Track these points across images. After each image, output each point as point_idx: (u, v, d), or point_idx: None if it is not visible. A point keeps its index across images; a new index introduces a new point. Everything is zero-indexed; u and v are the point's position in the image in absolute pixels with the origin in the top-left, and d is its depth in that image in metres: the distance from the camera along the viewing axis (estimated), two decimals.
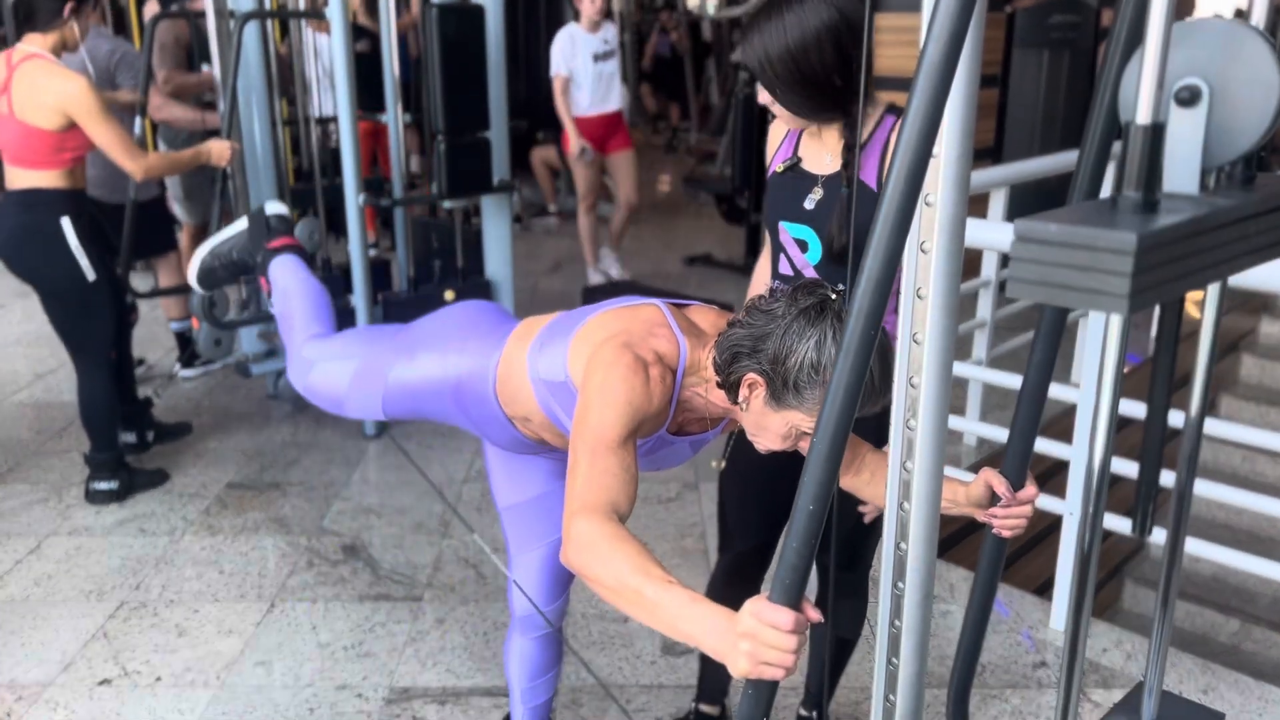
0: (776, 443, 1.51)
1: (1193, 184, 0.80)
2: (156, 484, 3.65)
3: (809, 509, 0.91)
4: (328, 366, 2.04)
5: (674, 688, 2.58)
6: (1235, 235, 0.80)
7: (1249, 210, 0.80)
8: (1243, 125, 0.80)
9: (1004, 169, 4.10)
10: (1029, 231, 0.73)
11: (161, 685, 2.58)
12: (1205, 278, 0.79)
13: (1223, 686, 2.57)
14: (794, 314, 1.42)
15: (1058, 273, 0.72)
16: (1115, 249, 0.69)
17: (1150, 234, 0.70)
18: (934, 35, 0.82)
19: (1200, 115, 0.79)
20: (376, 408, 1.97)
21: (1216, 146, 0.80)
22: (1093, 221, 0.72)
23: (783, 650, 0.98)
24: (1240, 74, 0.79)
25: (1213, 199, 0.79)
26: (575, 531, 1.29)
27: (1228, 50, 0.80)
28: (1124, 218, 0.73)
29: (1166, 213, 0.75)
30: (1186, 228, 0.74)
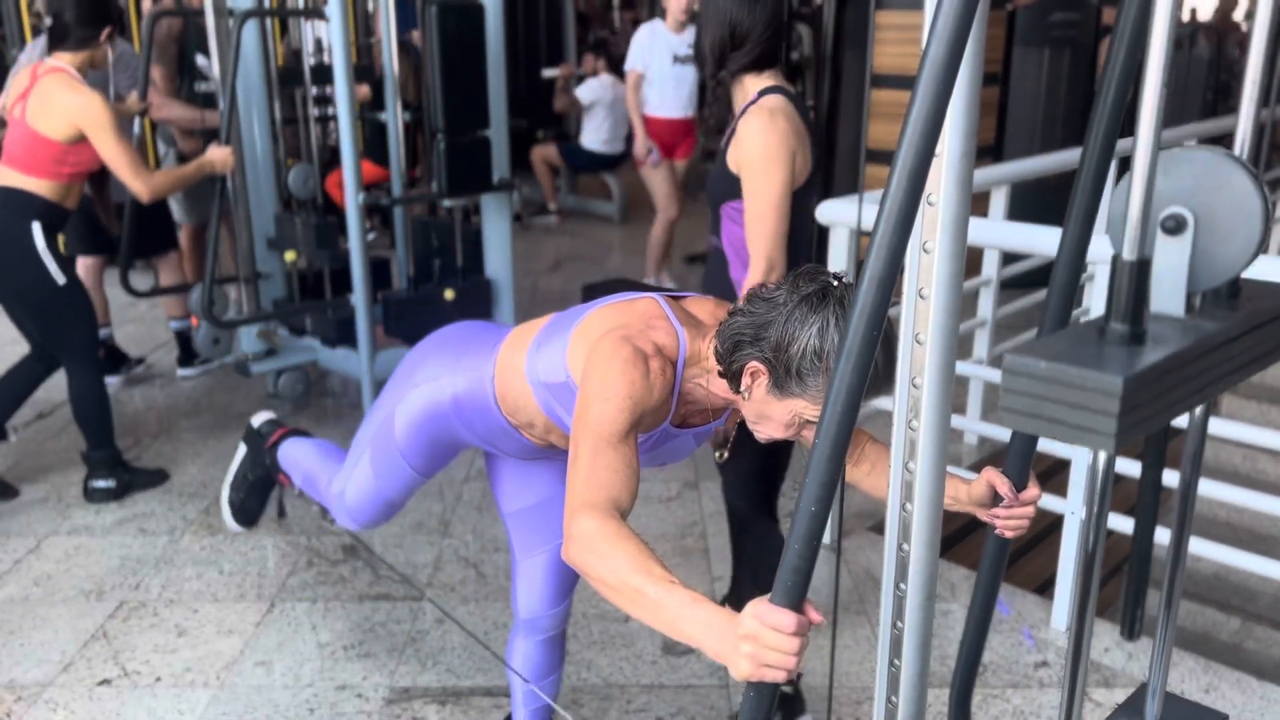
0: (779, 431, 1.50)
1: (1179, 307, 0.82)
2: (156, 483, 3.64)
3: (811, 510, 0.91)
4: (352, 480, 2.07)
5: (674, 687, 2.57)
6: (1220, 358, 0.82)
7: (1234, 332, 0.82)
8: (1227, 253, 0.82)
9: (1004, 167, 4.10)
10: (1019, 366, 0.75)
11: (161, 685, 2.57)
12: (1190, 403, 0.80)
13: (1224, 686, 2.57)
14: (795, 301, 1.41)
15: (1047, 407, 0.74)
16: (1102, 390, 0.71)
17: (1135, 375, 0.72)
18: (937, 34, 0.81)
19: (1186, 243, 0.81)
20: (407, 470, 1.98)
21: (1202, 272, 0.83)
22: (1080, 359, 0.74)
23: (785, 652, 0.98)
24: (1224, 204, 0.82)
25: (1198, 322, 0.81)
26: (576, 529, 1.28)
27: (1212, 180, 0.82)
28: (1111, 354, 0.75)
29: (1153, 344, 0.77)
30: (1172, 362, 0.76)
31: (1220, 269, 0.83)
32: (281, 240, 4.26)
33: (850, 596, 2.96)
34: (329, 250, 4.11)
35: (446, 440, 1.94)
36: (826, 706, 2.50)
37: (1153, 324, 0.79)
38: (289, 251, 4.19)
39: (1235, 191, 0.81)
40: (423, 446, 1.94)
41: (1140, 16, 1.00)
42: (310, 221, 4.09)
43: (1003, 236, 3.17)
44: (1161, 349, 0.76)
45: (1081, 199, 1.09)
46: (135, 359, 4.76)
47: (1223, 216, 0.82)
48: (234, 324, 4.22)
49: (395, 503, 2.07)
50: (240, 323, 4.25)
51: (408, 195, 4.38)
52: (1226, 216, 0.82)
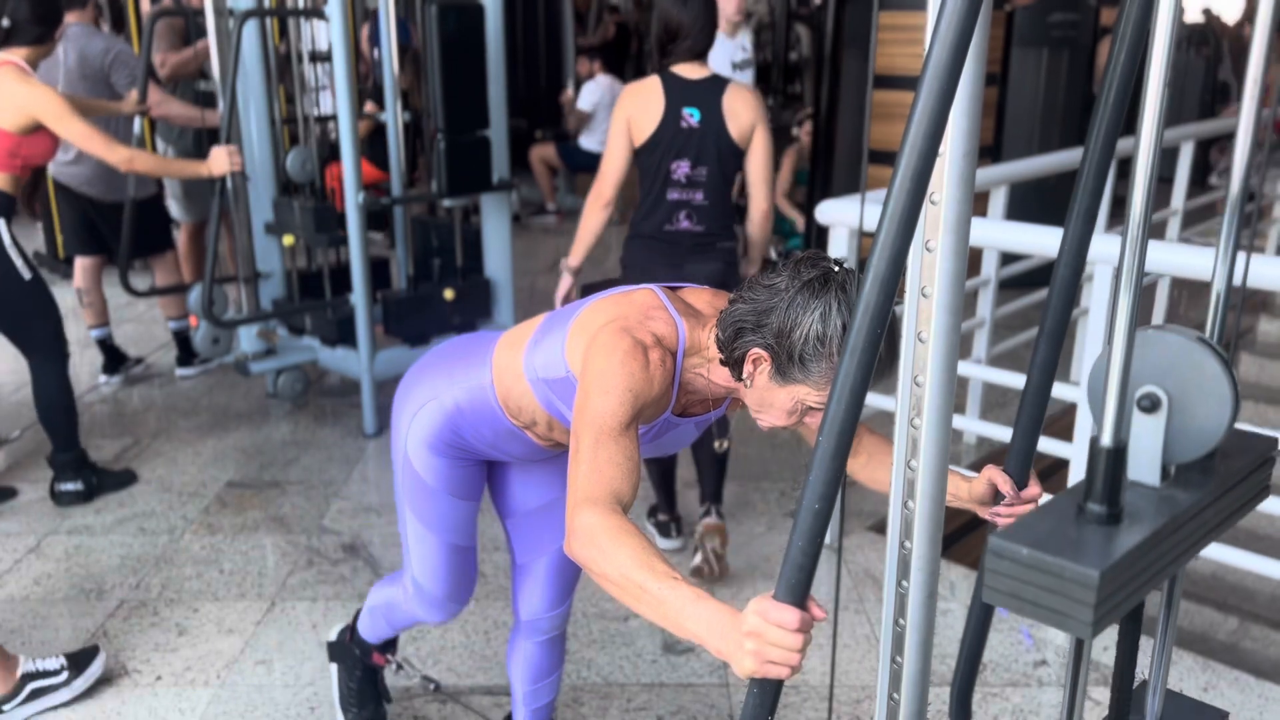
0: (782, 419, 1.50)
1: (1154, 477, 0.87)
2: (125, 485, 3.61)
3: (815, 507, 0.91)
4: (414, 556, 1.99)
5: (675, 686, 2.58)
6: (1194, 527, 0.87)
7: (1207, 499, 0.87)
8: (1199, 432, 0.88)
9: (1004, 167, 4.10)
10: (1002, 550, 0.79)
11: (162, 684, 2.58)
12: (1164, 575, 0.85)
13: (1223, 684, 2.58)
14: (797, 287, 1.41)
15: (1028, 590, 0.79)
16: (1079, 581, 0.76)
17: (1111, 567, 0.76)
18: (940, 34, 0.82)
19: (1160, 421, 0.87)
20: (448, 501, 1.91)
21: (1176, 446, 0.88)
22: (1059, 546, 0.78)
23: (788, 649, 0.98)
24: (1196, 386, 0.87)
25: (1173, 492, 0.87)
26: (579, 524, 1.28)
27: (1185, 364, 0.87)
28: (1088, 539, 0.80)
29: (1129, 523, 0.82)
30: (1147, 544, 0.80)
31: (1193, 445, 0.88)
32: (280, 225, 4.25)
33: (850, 596, 2.96)
34: (327, 234, 4.08)
35: (466, 454, 1.89)
36: (828, 705, 2.50)
37: (1130, 493, 0.85)
38: (287, 236, 4.18)
39: (1206, 376, 0.87)
40: (448, 468, 1.89)
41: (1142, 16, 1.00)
42: (308, 206, 4.08)
43: (1002, 236, 3.17)
44: (1137, 530, 0.81)
45: (1082, 198, 1.10)
46: (134, 359, 4.76)
47: (1195, 397, 0.87)
48: (233, 323, 4.22)
49: (461, 547, 1.98)
50: (240, 322, 4.25)
51: (407, 195, 4.38)
52: (1198, 398, 0.87)
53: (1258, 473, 0.95)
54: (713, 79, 2.94)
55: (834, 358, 1.38)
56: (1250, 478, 0.94)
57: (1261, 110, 0.96)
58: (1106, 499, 0.81)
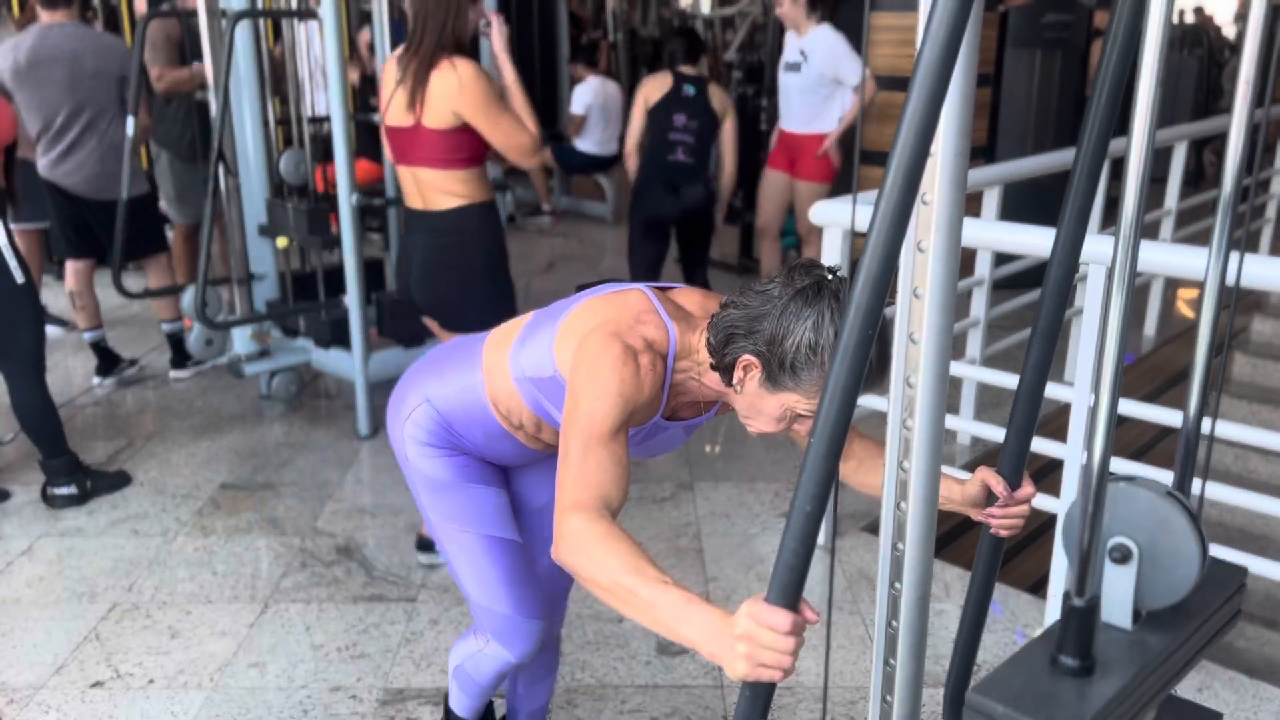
0: (771, 425, 1.50)
1: (1126, 622, 0.92)
2: (118, 486, 3.60)
3: (806, 509, 0.91)
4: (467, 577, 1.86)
5: (669, 688, 2.57)
6: (1167, 668, 0.92)
7: (1179, 640, 0.92)
8: (1169, 583, 0.92)
9: (997, 168, 4.10)
10: (979, 706, 0.83)
11: (154, 687, 2.57)
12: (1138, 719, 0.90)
13: (1217, 684, 2.58)
14: (790, 294, 1.40)
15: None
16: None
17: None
18: (931, 34, 0.81)
19: (1131, 571, 0.91)
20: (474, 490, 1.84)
21: (1147, 594, 0.92)
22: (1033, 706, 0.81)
23: (780, 652, 0.98)
24: (1166, 541, 0.91)
25: (1144, 636, 0.91)
26: (567, 529, 1.27)
27: (1155, 519, 0.91)
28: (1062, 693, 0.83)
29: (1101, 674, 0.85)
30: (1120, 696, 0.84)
31: (1164, 595, 0.92)
32: (273, 227, 4.23)
33: (844, 597, 2.96)
34: (321, 236, 4.06)
35: (467, 444, 1.85)
36: (822, 706, 2.50)
37: (1103, 637, 0.88)
38: (281, 238, 4.16)
39: (1174, 532, 0.91)
40: (453, 462, 1.84)
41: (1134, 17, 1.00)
42: (302, 207, 4.06)
43: (996, 237, 3.17)
44: (1110, 680, 0.84)
45: (1075, 199, 1.10)
46: (127, 361, 4.75)
47: (1164, 550, 0.91)
48: (227, 325, 4.21)
49: (503, 540, 1.85)
50: (233, 324, 4.24)
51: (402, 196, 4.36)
52: (1168, 551, 0.91)
53: (1229, 603, 0.99)
54: (699, 75, 4.76)
55: (825, 366, 1.38)
56: (1221, 609, 0.98)
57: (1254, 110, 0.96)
58: (1079, 653, 0.85)
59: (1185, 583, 0.90)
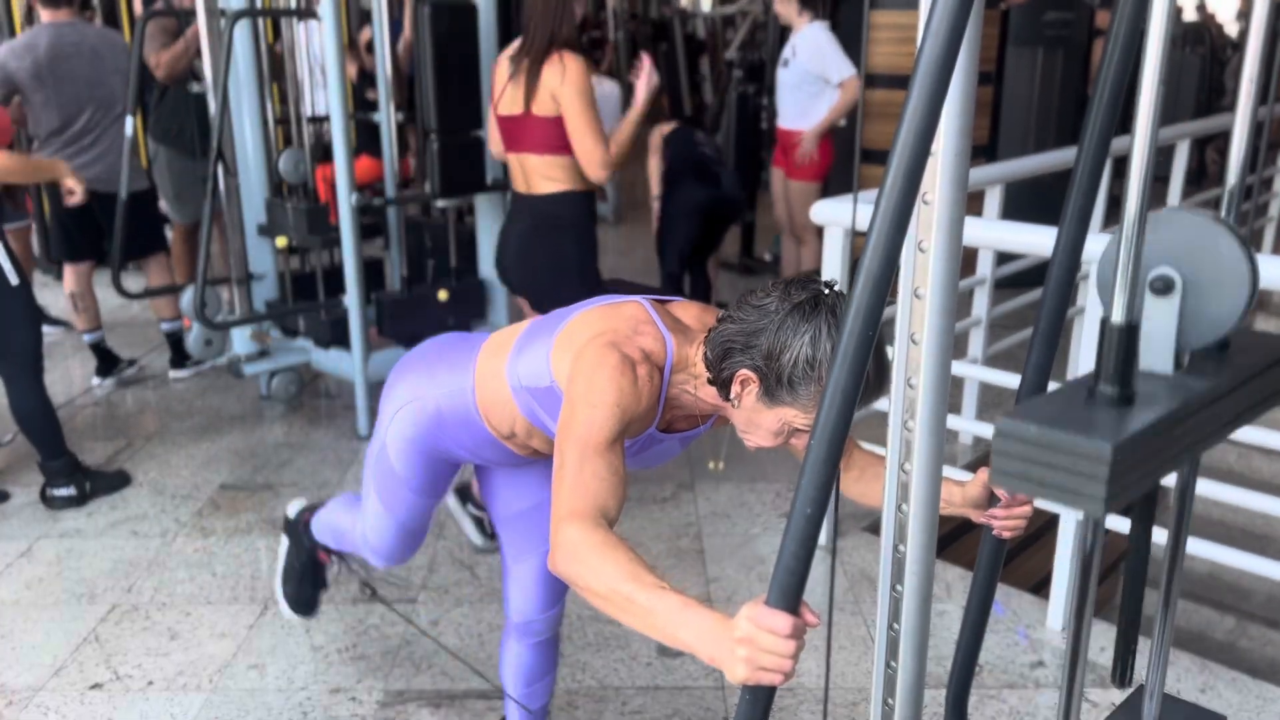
0: (768, 440, 1.49)
1: (1167, 365, 0.83)
2: (117, 487, 3.59)
3: (806, 513, 0.90)
4: (368, 519, 2.05)
5: (670, 689, 2.57)
6: (1209, 416, 0.83)
7: (1223, 389, 0.83)
8: (1215, 315, 0.83)
9: (999, 167, 4.09)
10: (1010, 429, 0.76)
11: (154, 689, 2.56)
12: (1178, 462, 0.82)
13: (1220, 685, 2.57)
14: (787, 309, 1.39)
15: (1037, 470, 0.76)
16: (1091, 456, 0.72)
17: (1124, 442, 0.73)
18: (932, 32, 0.81)
19: (1174, 304, 0.83)
20: (412, 497, 1.96)
21: (1190, 332, 0.84)
22: (1070, 423, 0.75)
23: (781, 655, 0.97)
24: (1211, 267, 0.83)
25: (1187, 380, 0.82)
26: (563, 539, 1.27)
27: (1200, 243, 0.83)
28: (1100, 418, 0.76)
29: (1142, 405, 0.78)
30: (1161, 425, 0.77)
31: (1208, 329, 0.84)
32: (273, 226, 4.22)
33: (845, 597, 2.95)
34: (320, 235, 4.06)
35: (440, 457, 1.91)
36: (823, 708, 2.49)
37: (1142, 382, 0.81)
38: (280, 237, 4.15)
39: (1223, 255, 0.83)
40: (420, 469, 1.91)
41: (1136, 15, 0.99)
42: (301, 207, 4.06)
43: (998, 236, 3.16)
44: (1150, 411, 0.77)
45: (1077, 198, 1.09)
46: (127, 361, 4.74)
47: (1210, 279, 0.83)
48: (226, 325, 4.21)
49: (414, 529, 2.05)
50: (233, 324, 4.23)
51: (402, 196, 4.36)
52: (1214, 279, 0.83)
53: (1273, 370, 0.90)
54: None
55: (823, 381, 1.37)
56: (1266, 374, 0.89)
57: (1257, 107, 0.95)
58: (1119, 380, 0.78)
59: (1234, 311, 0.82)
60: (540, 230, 3.21)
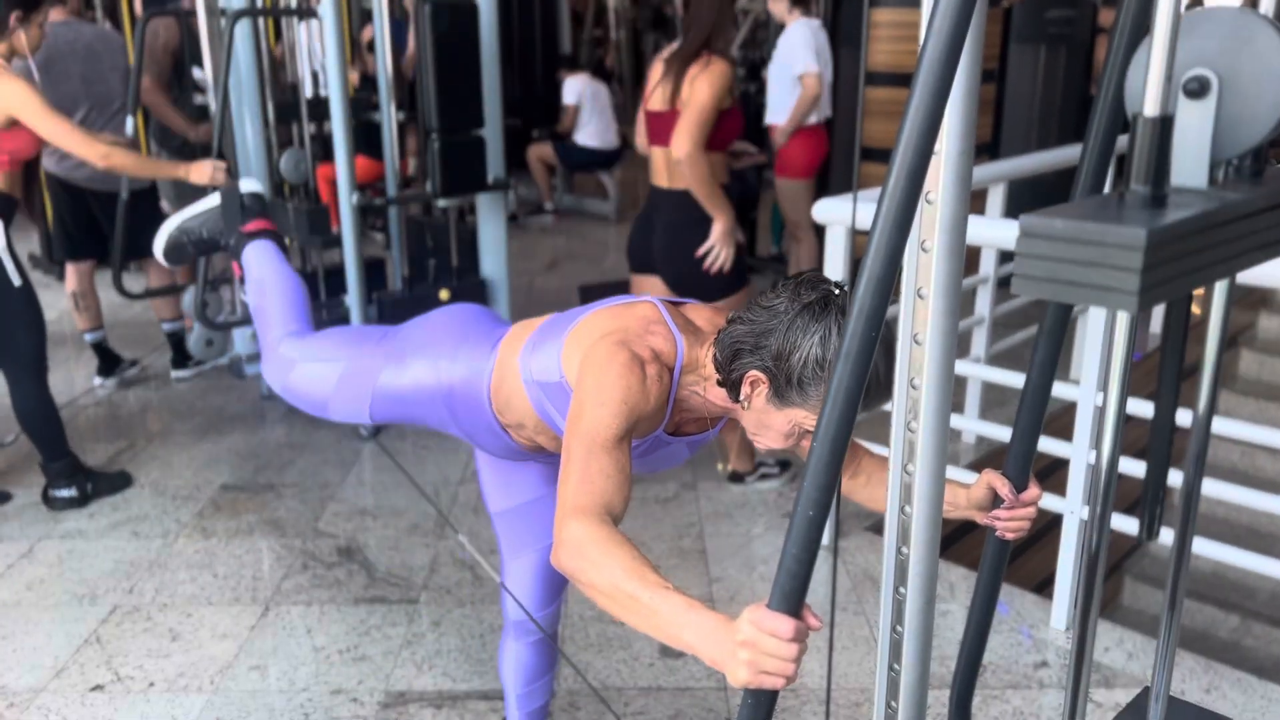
0: (779, 441, 1.49)
1: (1201, 178, 0.78)
2: (119, 488, 3.57)
3: (809, 515, 0.89)
4: (310, 368, 1.99)
5: (672, 690, 2.56)
6: (1244, 230, 0.79)
7: (1258, 205, 0.79)
8: (1253, 116, 0.78)
9: (1001, 165, 4.08)
10: (1035, 227, 0.72)
11: (155, 690, 2.55)
12: (1215, 273, 0.78)
13: (1225, 685, 2.56)
14: (797, 309, 1.39)
15: (1064, 269, 0.71)
16: (1124, 245, 0.68)
17: (1159, 229, 0.69)
18: (935, 30, 0.80)
19: (1209, 107, 0.77)
20: (363, 411, 1.93)
21: (1226, 138, 0.79)
22: (1100, 217, 0.71)
23: (783, 659, 0.96)
24: (1250, 65, 0.77)
25: (1221, 193, 0.78)
26: (567, 534, 1.26)
27: (1237, 40, 0.78)
28: (1132, 213, 0.72)
29: (1175, 208, 0.73)
30: (1196, 223, 0.73)
31: (1246, 135, 0.79)
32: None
33: (848, 598, 2.94)
34: (321, 236, 4.04)
35: (421, 417, 1.92)
36: (825, 709, 2.48)
37: (1174, 194, 0.76)
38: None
39: (1261, 50, 0.77)
40: (391, 406, 1.90)
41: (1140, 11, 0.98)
42: (302, 208, 4.05)
43: (1001, 234, 3.15)
44: (1185, 210, 0.72)
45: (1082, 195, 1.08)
46: (128, 361, 4.74)
47: (1248, 78, 0.77)
48: (228, 326, 4.20)
49: (332, 415, 1.98)
50: (234, 324, 4.23)
51: (402, 195, 4.36)
52: (1252, 77, 0.77)
53: None
54: None
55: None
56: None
57: None
58: (1152, 179, 0.74)
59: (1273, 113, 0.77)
60: (690, 224, 3.30)
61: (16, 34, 3.33)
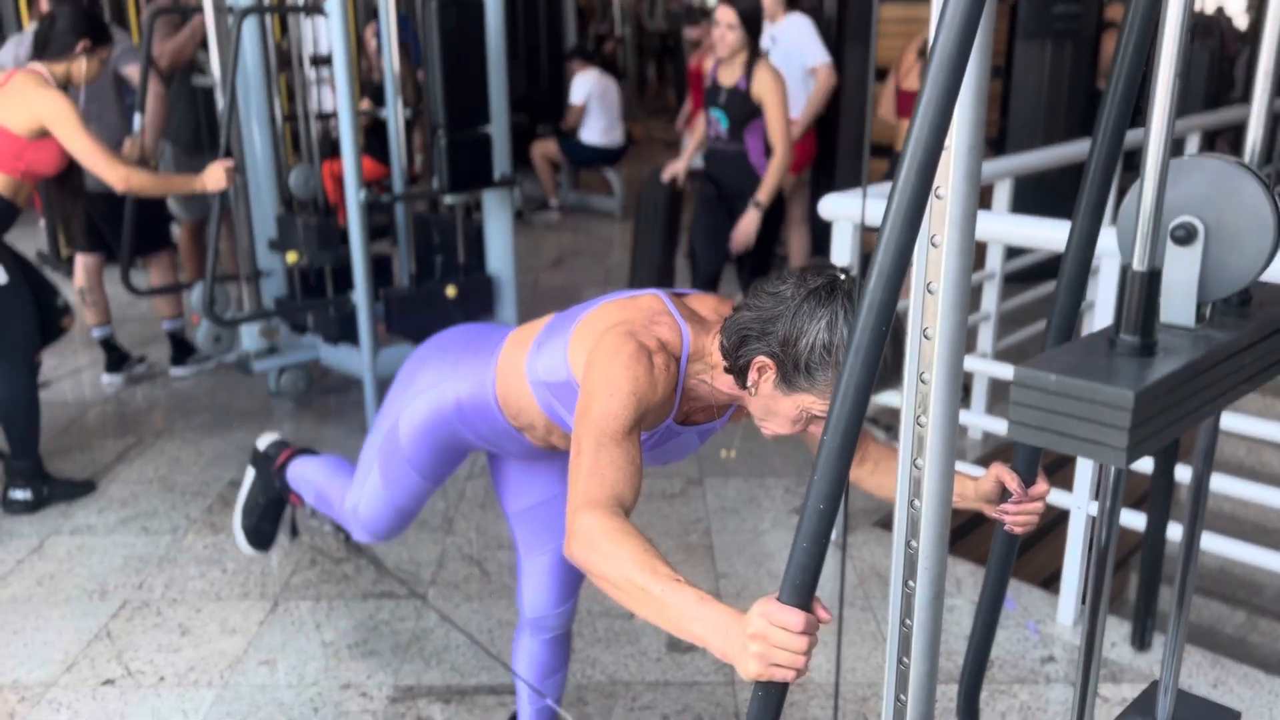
0: (786, 427, 1.49)
1: (1189, 317, 0.81)
2: (79, 495, 3.53)
3: (819, 508, 0.89)
4: (364, 493, 2.05)
5: (680, 684, 2.57)
6: (1231, 368, 0.81)
7: (1245, 342, 0.82)
8: (1238, 263, 0.81)
9: (1008, 160, 4.07)
10: (1028, 379, 0.75)
11: (165, 685, 2.57)
12: (1201, 415, 0.80)
13: (1232, 680, 2.56)
14: (803, 295, 1.39)
15: (1057, 420, 0.74)
16: (1113, 404, 0.71)
17: (1147, 389, 0.71)
18: (946, 25, 0.80)
19: (1196, 253, 0.81)
20: (415, 478, 1.97)
21: (1213, 281, 0.82)
22: (1091, 372, 0.73)
23: (794, 652, 0.97)
24: (1236, 213, 0.80)
25: (1209, 332, 0.81)
26: (579, 526, 1.27)
27: (1223, 190, 0.81)
28: (1121, 366, 0.74)
29: (1164, 355, 0.76)
30: (1183, 374, 0.75)
31: (1231, 278, 0.82)
32: (284, 241, 4.24)
33: (855, 593, 2.95)
34: (331, 251, 4.08)
35: (452, 445, 1.92)
36: (833, 703, 2.49)
37: (1163, 334, 0.79)
38: (291, 253, 4.17)
39: (1246, 201, 0.80)
40: (429, 453, 1.93)
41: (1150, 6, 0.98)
42: (312, 223, 4.06)
43: (1009, 230, 3.15)
44: (1172, 360, 0.75)
45: (1090, 191, 1.08)
46: (136, 358, 4.75)
47: (1233, 226, 0.81)
48: (235, 322, 4.21)
49: (409, 511, 2.05)
50: (241, 320, 4.24)
51: (409, 192, 4.36)
52: (1237, 226, 0.80)
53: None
54: None
55: (840, 366, 1.36)
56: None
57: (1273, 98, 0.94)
58: (1140, 329, 0.76)
59: (1258, 259, 0.80)
60: None
61: (78, 61, 3.41)
